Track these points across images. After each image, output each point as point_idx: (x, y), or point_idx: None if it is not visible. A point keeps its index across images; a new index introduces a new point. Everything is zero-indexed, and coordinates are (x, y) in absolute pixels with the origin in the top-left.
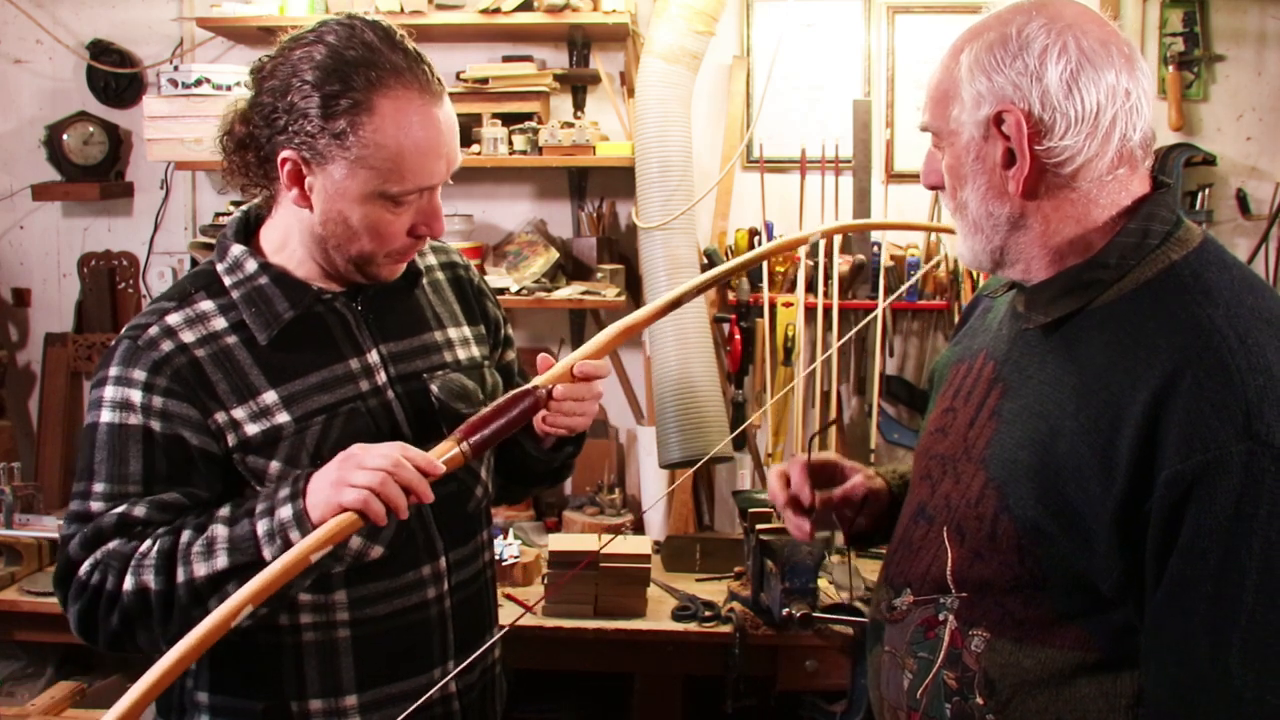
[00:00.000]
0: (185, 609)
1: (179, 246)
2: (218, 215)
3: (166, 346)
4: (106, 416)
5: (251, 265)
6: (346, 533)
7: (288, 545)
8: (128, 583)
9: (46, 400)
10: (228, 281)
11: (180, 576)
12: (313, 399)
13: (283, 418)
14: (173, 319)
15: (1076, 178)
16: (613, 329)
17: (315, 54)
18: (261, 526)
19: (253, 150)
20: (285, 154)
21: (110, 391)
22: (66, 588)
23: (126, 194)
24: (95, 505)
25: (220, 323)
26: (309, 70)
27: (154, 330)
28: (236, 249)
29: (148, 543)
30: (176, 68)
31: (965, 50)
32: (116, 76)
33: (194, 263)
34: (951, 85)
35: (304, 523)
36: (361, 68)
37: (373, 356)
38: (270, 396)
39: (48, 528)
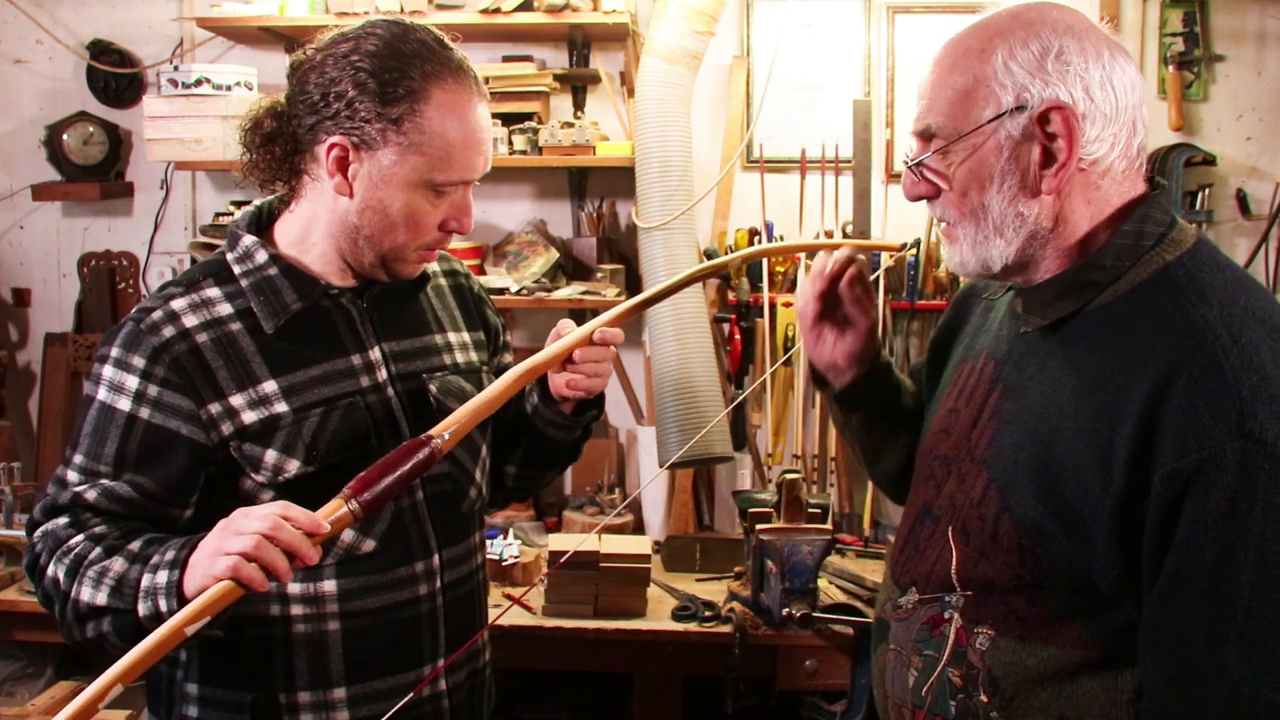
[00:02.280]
0: (70, 622)
1: (179, 246)
2: (218, 215)
3: (168, 332)
4: (101, 394)
5: (262, 256)
6: (222, 604)
7: (155, 610)
8: (50, 568)
9: (46, 400)
10: (237, 270)
11: (73, 591)
12: (312, 391)
13: (281, 407)
14: (178, 304)
15: (1104, 176)
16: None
17: (368, 45)
18: (145, 580)
19: (282, 144)
20: (334, 139)
21: (109, 372)
22: (28, 539)
23: (126, 194)
24: (71, 475)
25: (225, 309)
26: (366, 59)
27: (158, 314)
28: (248, 239)
29: (78, 538)
30: (176, 68)
31: (997, 48)
32: (116, 76)
33: (194, 263)
34: (976, 85)
35: (173, 593)
36: (418, 59)
37: (375, 354)
38: (270, 385)
39: None
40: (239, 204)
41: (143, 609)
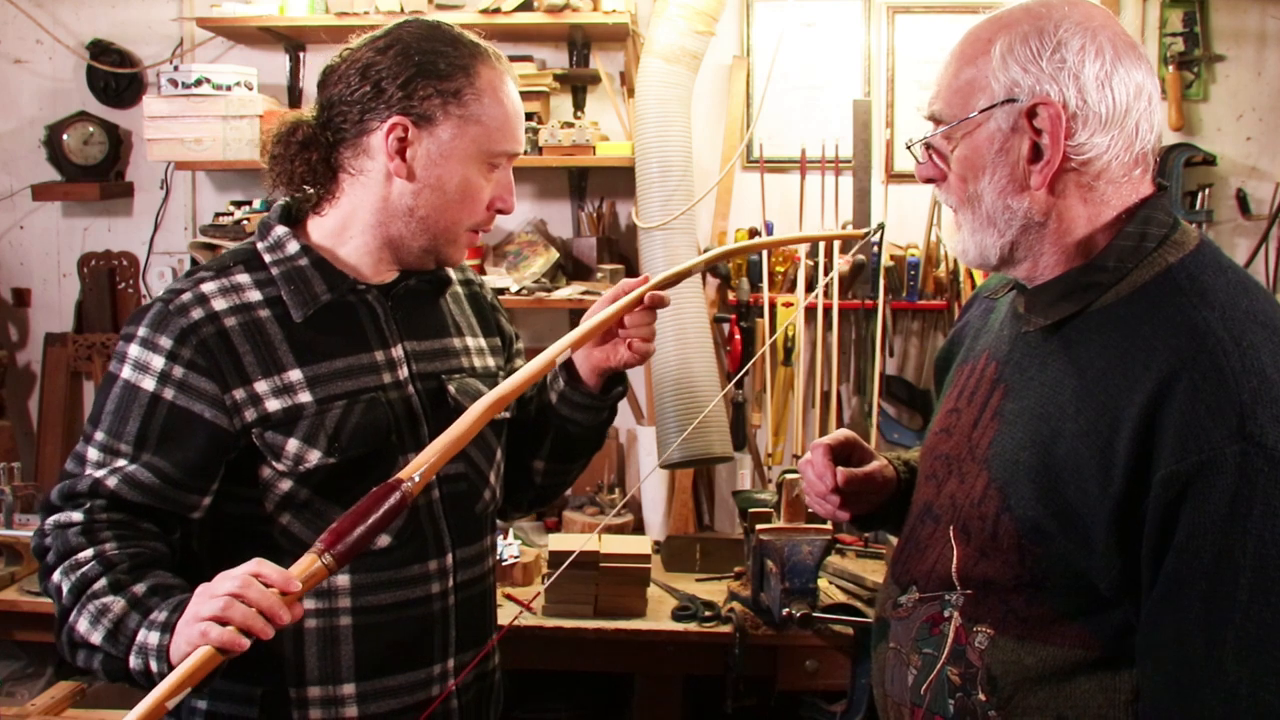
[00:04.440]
0: (64, 643)
1: (179, 246)
2: (218, 215)
3: (196, 314)
4: (125, 373)
5: (293, 246)
6: (201, 673)
7: (145, 667)
8: (56, 575)
9: (46, 400)
10: (268, 259)
11: (72, 617)
12: (336, 383)
13: (305, 397)
14: (207, 287)
15: (1098, 178)
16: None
17: (409, 36)
18: (140, 635)
19: (319, 149)
20: (393, 120)
21: (135, 351)
22: (41, 521)
23: (126, 194)
24: (92, 453)
25: (255, 295)
26: (414, 42)
27: (187, 296)
28: (280, 230)
29: (88, 553)
30: (176, 68)
31: (998, 41)
32: (116, 76)
33: (194, 262)
34: (978, 74)
35: (162, 656)
36: (458, 43)
37: (397, 351)
38: (295, 374)
39: None
40: (239, 204)
41: (134, 662)
